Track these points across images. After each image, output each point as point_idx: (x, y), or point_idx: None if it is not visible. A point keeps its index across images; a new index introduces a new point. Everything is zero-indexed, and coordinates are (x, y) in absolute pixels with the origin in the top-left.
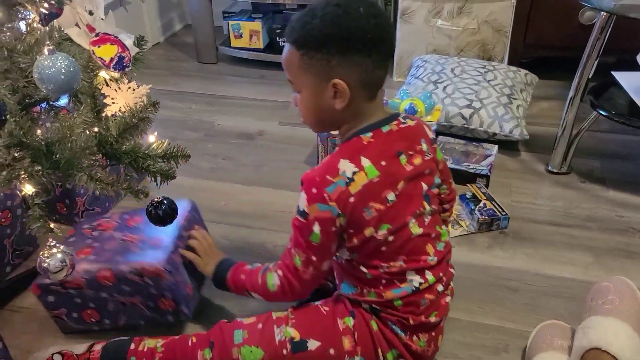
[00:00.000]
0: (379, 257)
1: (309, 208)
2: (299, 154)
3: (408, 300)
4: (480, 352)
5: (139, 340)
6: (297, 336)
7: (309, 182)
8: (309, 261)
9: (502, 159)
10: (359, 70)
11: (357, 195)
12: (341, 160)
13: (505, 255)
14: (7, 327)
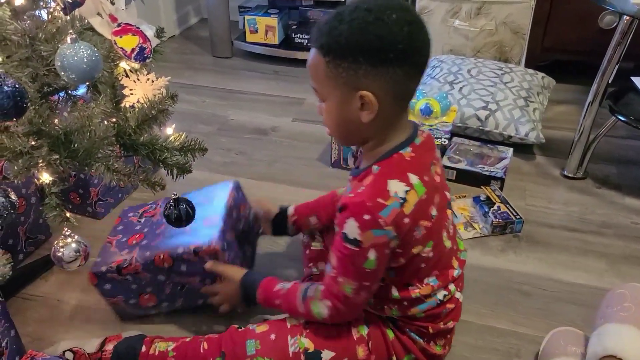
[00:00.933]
0: (416, 275)
1: (362, 235)
2: (312, 151)
3: (431, 312)
4: (492, 356)
5: (150, 342)
6: (311, 347)
7: (358, 208)
8: (362, 287)
9: (517, 162)
10: (390, 82)
11: (411, 215)
12: (389, 180)
13: (519, 259)
14: (19, 315)
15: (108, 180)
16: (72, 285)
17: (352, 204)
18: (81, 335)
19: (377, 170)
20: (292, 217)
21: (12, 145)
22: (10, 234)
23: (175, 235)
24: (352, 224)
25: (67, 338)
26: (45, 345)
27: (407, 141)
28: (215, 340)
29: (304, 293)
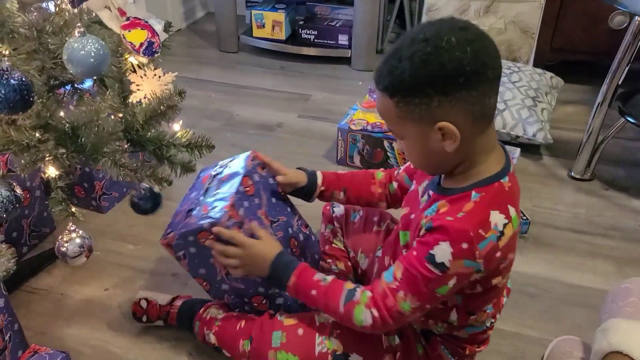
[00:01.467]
0: (483, 302)
1: (452, 263)
2: (318, 148)
3: (474, 336)
4: (497, 358)
5: (208, 306)
6: (340, 349)
7: (458, 235)
8: (421, 309)
9: (524, 163)
10: (466, 106)
11: (503, 248)
12: (492, 212)
13: (525, 261)
14: (22, 309)
15: (115, 176)
16: (75, 279)
17: (453, 229)
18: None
19: (479, 198)
20: (319, 187)
21: (19, 138)
22: (15, 227)
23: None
24: (445, 249)
25: (70, 332)
26: (48, 338)
27: (505, 169)
28: (250, 323)
29: (349, 294)
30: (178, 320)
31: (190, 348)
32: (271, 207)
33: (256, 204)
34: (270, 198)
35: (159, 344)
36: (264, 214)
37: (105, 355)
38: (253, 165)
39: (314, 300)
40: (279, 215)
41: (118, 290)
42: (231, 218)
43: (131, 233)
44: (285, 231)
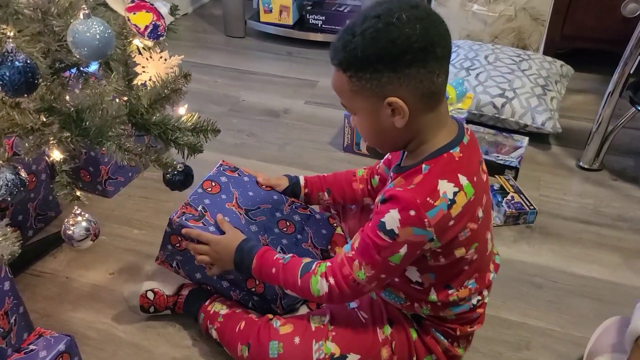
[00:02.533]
0: (457, 277)
1: (401, 230)
2: (324, 134)
3: (462, 315)
4: (501, 348)
5: (213, 299)
6: (337, 352)
7: (406, 203)
8: (377, 278)
9: (532, 152)
10: (414, 83)
11: (457, 217)
12: (439, 180)
13: (531, 251)
14: (28, 291)
15: (119, 160)
16: (80, 263)
17: (402, 198)
18: (90, 313)
19: (427, 170)
20: (303, 189)
21: (23, 121)
22: (20, 210)
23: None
24: (393, 216)
25: (76, 316)
26: (53, 321)
27: (455, 140)
28: (248, 326)
29: (306, 266)
30: (185, 309)
31: (195, 333)
32: (246, 199)
33: (223, 199)
34: (246, 192)
35: (164, 329)
36: (235, 206)
37: (110, 339)
38: (218, 170)
39: (275, 278)
40: (260, 204)
41: (123, 275)
42: (185, 214)
43: (137, 218)
44: (270, 215)
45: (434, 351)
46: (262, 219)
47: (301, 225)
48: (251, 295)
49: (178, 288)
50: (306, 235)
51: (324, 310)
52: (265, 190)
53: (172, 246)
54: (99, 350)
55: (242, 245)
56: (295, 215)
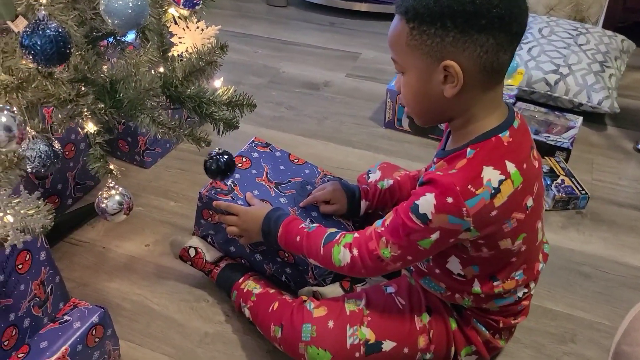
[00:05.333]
0: (504, 269)
1: (435, 216)
2: (365, 109)
3: (506, 308)
4: (545, 339)
5: (247, 276)
6: (372, 338)
7: (444, 188)
8: (402, 259)
9: (586, 133)
10: (479, 51)
11: (501, 207)
12: (484, 167)
13: (581, 238)
14: (65, 260)
15: (153, 133)
16: (117, 233)
17: (440, 182)
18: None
19: (472, 154)
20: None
21: (57, 92)
22: (60, 179)
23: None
24: (429, 200)
25: (111, 286)
26: (89, 290)
27: (505, 123)
28: (282, 307)
29: (330, 235)
30: (217, 283)
31: (228, 309)
32: (277, 173)
33: (253, 174)
34: (277, 166)
35: (197, 304)
36: (265, 180)
37: (144, 310)
38: (250, 146)
39: (299, 246)
40: (291, 178)
41: (158, 247)
42: (214, 187)
43: (173, 189)
44: (301, 188)
45: (474, 342)
46: (293, 192)
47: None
48: (284, 268)
49: (219, 258)
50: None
51: (360, 293)
52: (297, 164)
53: (204, 220)
54: (132, 322)
55: (269, 215)
56: None
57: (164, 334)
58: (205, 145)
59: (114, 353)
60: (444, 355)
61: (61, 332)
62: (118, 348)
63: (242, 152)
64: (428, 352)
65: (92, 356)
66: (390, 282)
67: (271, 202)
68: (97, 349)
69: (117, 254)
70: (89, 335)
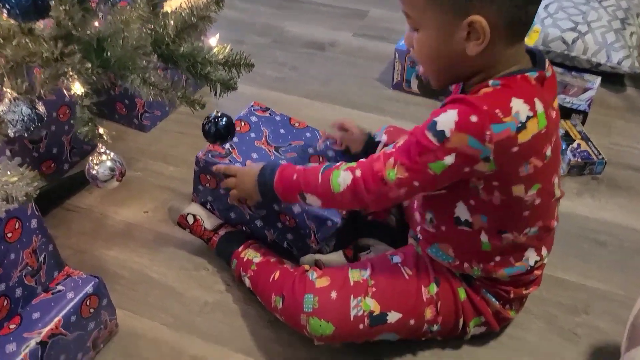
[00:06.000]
0: (515, 223)
1: (455, 134)
2: (372, 70)
3: (517, 277)
4: (556, 310)
5: (247, 245)
6: (377, 309)
7: (471, 106)
8: (407, 184)
9: (604, 94)
10: (509, 5)
11: (523, 146)
12: (514, 98)
13: (596, 205)
14: (62, 226)
15: (144, 95)
16: (115, 199)
17: (466, 99)
18: (123, 252)
19: (499, 85)
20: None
21: (37, 50)
22: (55, 143)
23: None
24: (450, 116)
25: (109, 254)
26: (86, 258)
27: (534, 67)
28: (283, 276)
29: (329, 165)
30: (217, 251)
31: (228, 278)
32: (277, 136)
33: (252, 138)
34: (277, 130)
35: (197, 272)
36: (264, 143)
37: (142, 280)
38: (249, 110)
39: (297, 185)
40: (292, 141)
41: (157, 214)
42: (211, 151)
43: (172, 154)
44: (302, 152)
45: (483, 313)
46: (293, 155)
47: (335, 160)
48: (285, 233)
49: (218, 226)
50: None
51: (364, 263)
52: (298, 128)
53: (202, 186)
54: (130, 290)
55: (264, 167)
56: (329, 150)
57: (163, 303)
58: (199, 108)
59: (110, 323)
60: (452, 326)
61: (54, 302)
62: (115, 318)
63: (240, 116)
64: (435, 323)
65: (87, 327)
66: (397, 252)
67: None
68: (92, 320)
69: (115, 220)
70: (83, 306)
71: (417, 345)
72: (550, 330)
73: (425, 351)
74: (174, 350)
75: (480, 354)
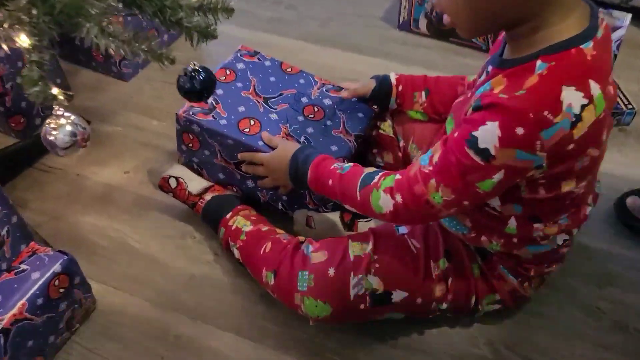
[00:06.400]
0: (551, 212)
1: (499, 151)
2: (376, 7)
3: (541, 255)
4: (578, 282)
5: (236, 211)
6: (380, 288)
7: (514, 116)
8: (457, 204)
9: (635, 33)
10: None
11: (579, 140)
12: (564, 87)
13: (624, 161)
14: (35, 189)
15: (102, 47)
16: (93, 159)
17: (507, 108)
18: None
19: (546, 69)
20: (394, 87)
21: None
22: (22, 96)
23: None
24: (491, 131)
25: (86, 220)
26: (62, 225)
27: (587, 32)
28: (274, 250)
29: (367, 177)
30: (203, 218)
31: (217, 247)
32: (266, 85)
33: (238, 87)
34: (267, 78)
35: (182, 240)
36: (252, 94)
37: (123, 249)
38: (235, 56)
39: (332, 191)
40: (283, 90)
41: (139, 174)
42: (193, 107)
43: (156, 106)
44: (295, 101)
45: (499, 291)
46: (285, 106)
47: (332, 110)
48: (280, 194)
49: (204, 190)
50: (338, 120)
51: (366, 234)
52: (291, 74)
53: (186, 147)
54: (110, 262)
55: (295, 156)
56: (325, 99)
57: (145, 276)
58: (169, 64)
59: (86, 301)
60: (463, 304)
61: (17, 284)
62: (90, 295)
63: (225, 63)
64: (445, 301)
65: (57, 308)
66: None
67: (259, 119)
68: (63, 300)
69: (93, 182)
70: (51, 287)
71: (424, 323)
72: (571, 304)
73: (433, 329)
74: (158, 328)
75: (493, 332)
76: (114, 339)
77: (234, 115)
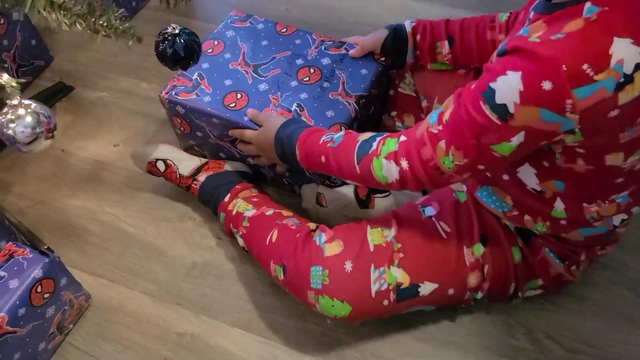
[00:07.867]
0: (603, 190)
1: (519, 109)
2: None
3: (594, 237)
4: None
5: (235, 193)
6: (406, 281)
7: (544, 65)
8: (470, 169)
9: None
10: None
11: (626, 107)
12: (617, 39)
13: None
14: (16, 170)
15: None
16: (78, 131)
17: (535, 54)
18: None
19: (596, 14)
20: (411, 36)
21: None
22: None
23: None
24: (513, 83)
25: (74, 204)
26: (48, 210)
27: None
28: (283, 238)
29: (363, 147)
30: (200, 199)
31: (219, 230)
32: (257, 52)
33: (226, 59)
34: (259, 43)
35: (181, 223)
36: (241, 64)
37: (116, 235)
38: (225, 24)
39: (328, 168)
40: (275, 54)
41: (130, 147)
42: (175, 87)
43: (146, 66)
44: (288, 65)
45: (541, 276)
46: (276, 72)
47: (331, 70)
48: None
49: (196, 169)
50: (337, 81)
51: (387, 219)
52: (285, 34)
53: (179, 130)
54: (102, 251)
55: (279, 136)
56: (324, 58)
57: (142, 266)
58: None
59: (77, 300)
60: (500, 293)
61: None
62: (82, 292)
63: (213, 34)
64: (480, 290)
65: (44, 314)
66: (430, 200)
67: (247, 91)
68: (49, 305)
69: (80, 158)
70: (33, 294)
71: (454, 310)
72: (618, 284)
73: (464, 317)
74: (158, 325)
75: (531, 320)
76: (111, 339)
77: (220, 90)
